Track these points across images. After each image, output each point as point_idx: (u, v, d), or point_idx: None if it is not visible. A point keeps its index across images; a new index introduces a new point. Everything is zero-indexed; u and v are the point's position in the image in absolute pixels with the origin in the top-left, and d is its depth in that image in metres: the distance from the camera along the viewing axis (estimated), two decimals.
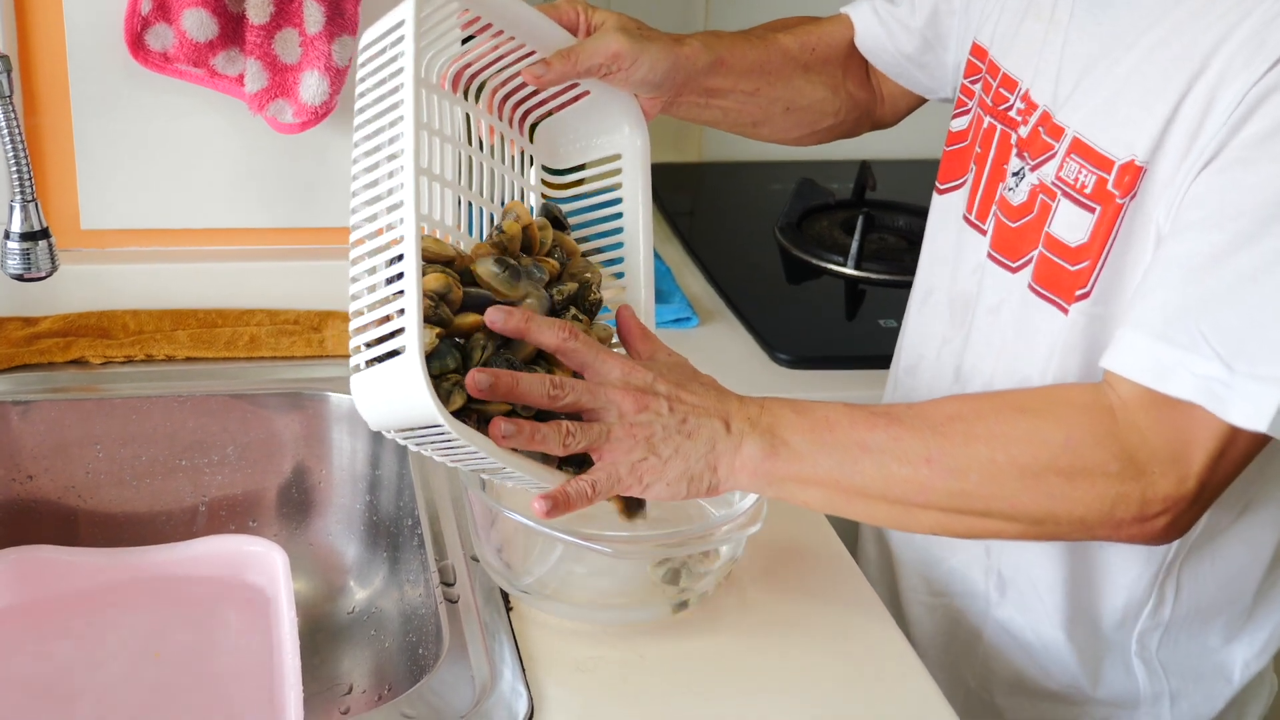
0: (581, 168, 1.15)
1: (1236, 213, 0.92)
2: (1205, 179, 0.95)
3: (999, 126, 1.13)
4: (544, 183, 1.13)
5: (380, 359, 0.90)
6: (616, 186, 1.14)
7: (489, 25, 1.04)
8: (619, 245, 1.12)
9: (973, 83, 1.18)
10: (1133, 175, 1.00)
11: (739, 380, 1.41)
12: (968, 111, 1.19)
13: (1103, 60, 1.04)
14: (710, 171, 1.97)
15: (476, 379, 0.91)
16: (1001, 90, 1.14)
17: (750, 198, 1.89)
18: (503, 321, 0.94)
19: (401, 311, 0.88)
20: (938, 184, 1.22)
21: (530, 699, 0.95)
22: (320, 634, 1.27)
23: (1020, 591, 1.14)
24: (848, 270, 1.66)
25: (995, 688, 1.17)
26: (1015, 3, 1.14)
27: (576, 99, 1.12)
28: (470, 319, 0.94)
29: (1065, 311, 1.05)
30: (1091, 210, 1.02)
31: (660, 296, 1.55)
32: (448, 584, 1.08)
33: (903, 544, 1.23)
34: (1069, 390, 1.00)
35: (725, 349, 1.49)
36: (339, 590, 1.31)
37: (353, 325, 0.92)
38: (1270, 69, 0.92)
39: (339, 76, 1.31)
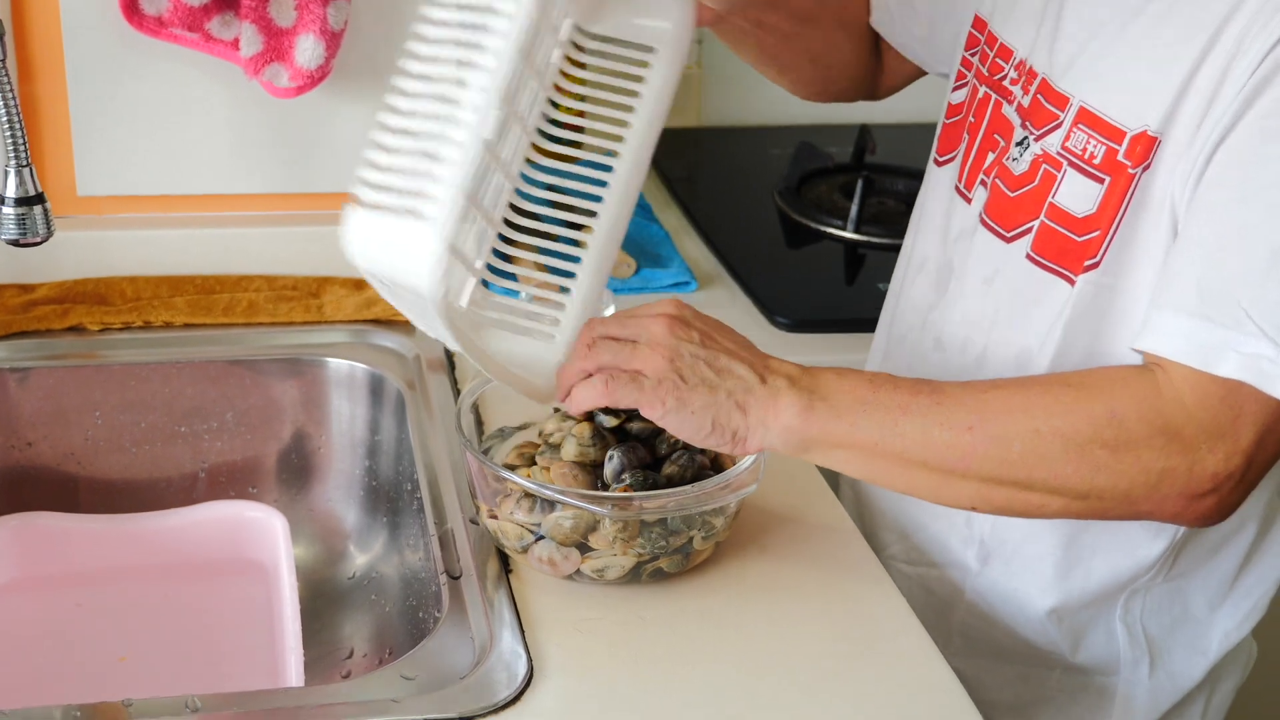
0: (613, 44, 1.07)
1: (1264, 185, 0.92)
2: (1225, 153, 0.94)
3: (993, 96, 1.13)
4: (572, 43, 1.03)
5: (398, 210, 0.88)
6: (635, 91, 1.07)
7: None
8: (612, 153, 1.07)
9: (972, 55, 1.18)
10: (1145, 146, 0.99)
11: None
12: (966, 84, 1.18)
13: (1108, 26, 1.03)
14: (709, 136, 1.96)
15: None
16: (998, 60, 1.13)
17: (749, 162, 1.88)
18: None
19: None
20: (936, 156, 1.21)
21: (529, 660, 0.96)
22: (320, 599, 1.27)
23: (1006, 561, 1.14)
24: (847, 234, 1.65)
25: (971, 654, 1.17)
26: None
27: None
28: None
29: (1072, 282, 1.04)
30: (1100, 181, 1.01)
31: (659, 261, 1.55)
32: (447, 547, 1.08)
33: (882, 509, 1.22)
34: (1113, 369, 0.99)
35: (724, 313, 1.46)
36: (339, 555, 1.32)
37: (373, 156, 0.90)
38: None
39: (334, 40, 1.30)
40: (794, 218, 1.70)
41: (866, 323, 1.42)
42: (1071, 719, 1.17)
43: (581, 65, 1.03)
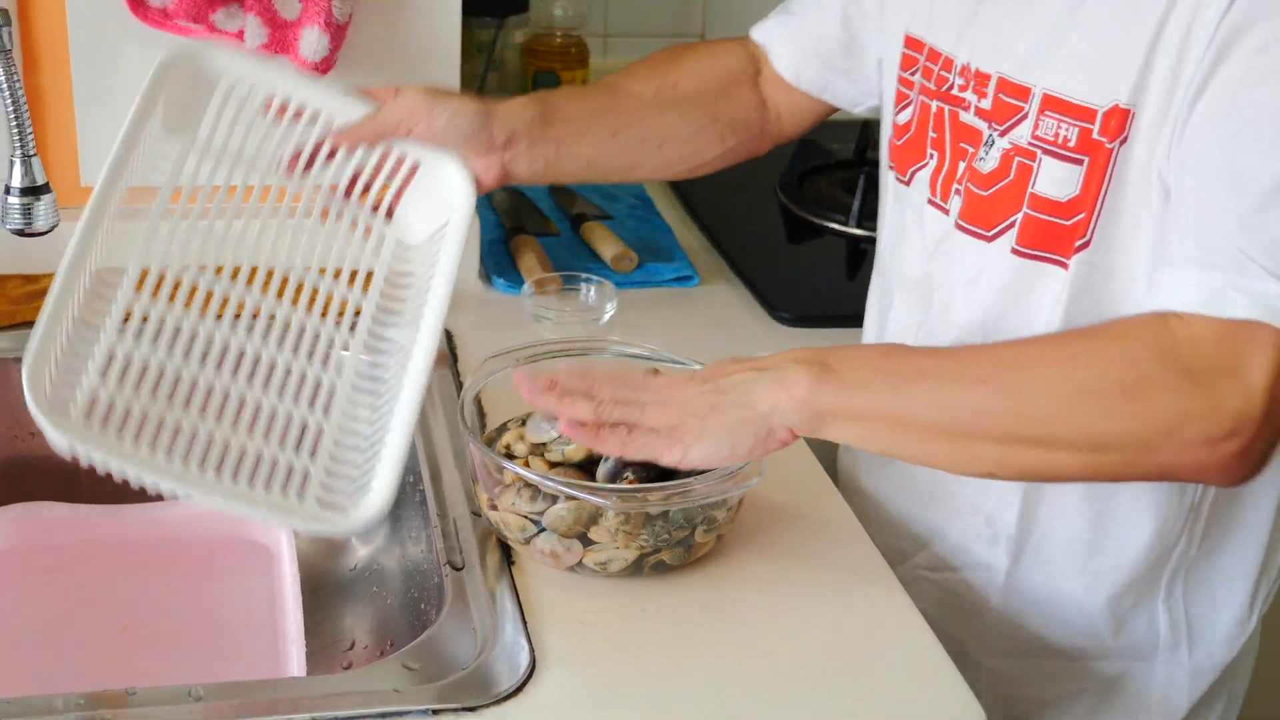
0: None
1: (1244, 130, 0.92)
2: (1203, 109, 0.95)
3: (946, 107, 1.12)
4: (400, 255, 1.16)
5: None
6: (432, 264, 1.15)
7: (298, 109, 1.15)
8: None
9: (911, 74, 1.17)
10: (1120, 119, 0.99)
11: (740, 339, 1.42)
12: (910, 104, 1.18)
13: (1057, 12, 1.03)
14: None
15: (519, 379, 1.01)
16: (942, 72, 1.13)
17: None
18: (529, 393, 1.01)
19: None
20: (898, 176, 1.20)
21: (532, 652, 0.96)
22: (322, 591, 1.27)
23: (1037, 549, 1.13)
24: (849, 229, 1.65)
25: (1007, 653, 1.17)
26: None
27: (410, 177, 1.17)
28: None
29: (1065, 266, 1.04)
30: (1079, 162, 1.02)
31: (660, 255, 1.55)
32: (449, 539, 1.08)
33: (897, 519, 1.22)
34: (1127, 318, 0.97)
35: (726, 308, 1.49)
36: (341, 547, 1.31)
37: None
38: None
39: (339, 32, 1.30)
40: (796, 213, 1.70)
41: None
42: (1114, 708, 1.17)
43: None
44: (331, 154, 1.16)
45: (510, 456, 1.05)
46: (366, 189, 1.17)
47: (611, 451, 0.99)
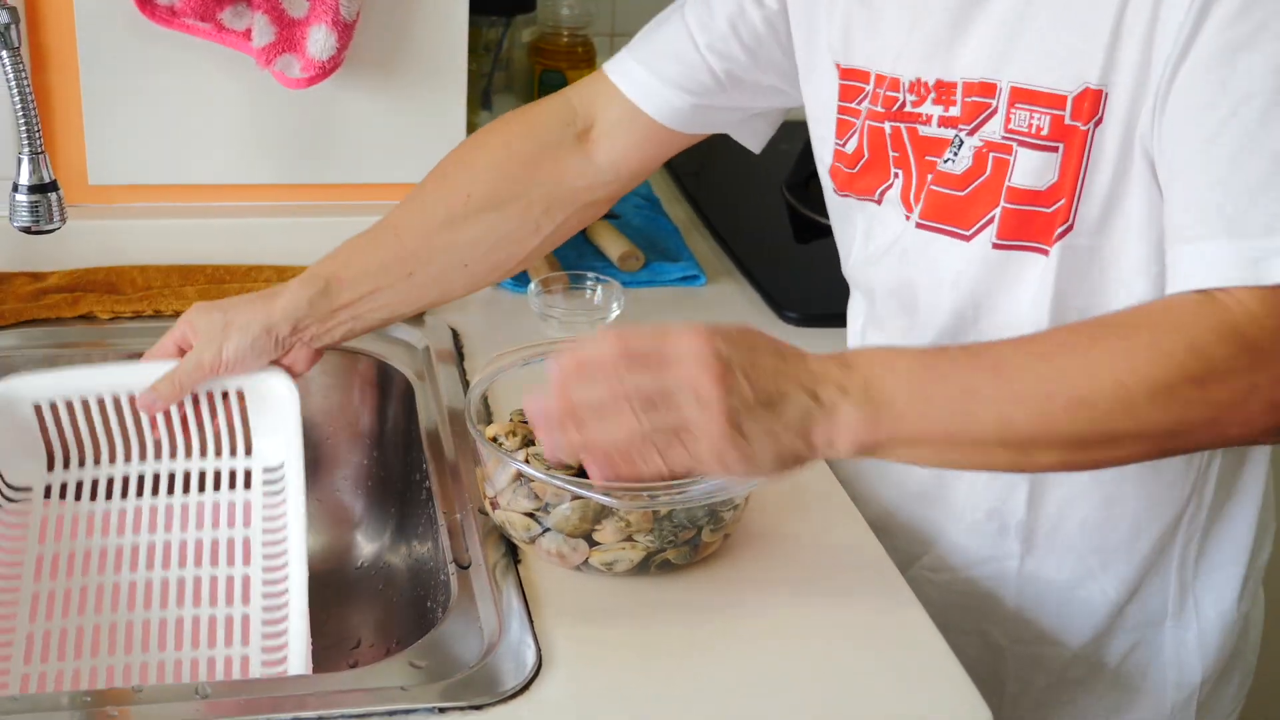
0: None
1: (1250, 92, 0.91)
2: (1193, 76, 0.93)
3: (902, 126, 1.11)
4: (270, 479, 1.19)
5: None
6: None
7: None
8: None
9: (857, 103, 1.15)
10: (1092, 101, 0.99)
11: None
12: (855, 132, 1.15)
13: (1005, 7, 1.02)
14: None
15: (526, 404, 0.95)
16: (889, 94, 1.11)
17: (757, 157, 1.87)
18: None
19: None
20: (861, 197, 1.17)
21: (538, 650, 0.96)
22: (328, 589, 1.28)
23: (1049, 534, 1.13)
24: None
25: (1025, 641, 1.17)
26: (861, 13, 1.12)
27: (243, 409, 1.19)
28: None
29: (1045, 252, 1.04)
30: (1054, 150, 1.01)
31: (667, 254, 1.55)
32: (455, 537, 1.08)
33: (902, 523, 1.20)
34: (1170, 300, 0.95)
35: (733, 307, 1.49)
36: (347, 545, 1.32)
37: None
38: None
39: (347, 31, 1.30)
40: (802, 212, 1.70)
41: None
42: (1131, 683, 1.17)
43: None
44: (172, 424, 1.18)
45: (527, 460, 1.05)
46: (219, 444, 1.19)
47: (650, 475, 0.92)
